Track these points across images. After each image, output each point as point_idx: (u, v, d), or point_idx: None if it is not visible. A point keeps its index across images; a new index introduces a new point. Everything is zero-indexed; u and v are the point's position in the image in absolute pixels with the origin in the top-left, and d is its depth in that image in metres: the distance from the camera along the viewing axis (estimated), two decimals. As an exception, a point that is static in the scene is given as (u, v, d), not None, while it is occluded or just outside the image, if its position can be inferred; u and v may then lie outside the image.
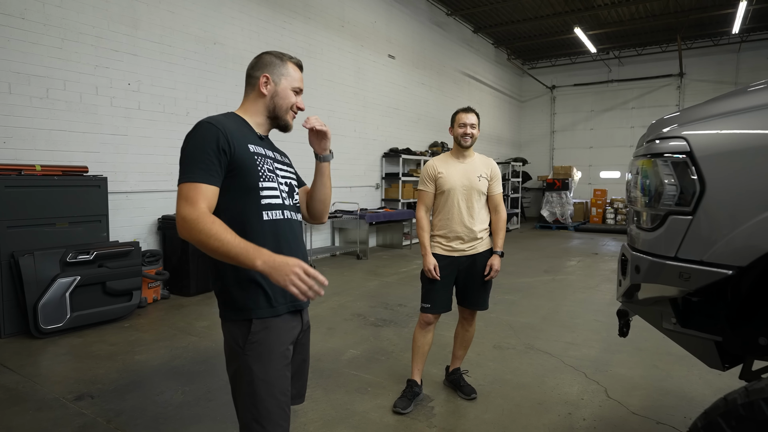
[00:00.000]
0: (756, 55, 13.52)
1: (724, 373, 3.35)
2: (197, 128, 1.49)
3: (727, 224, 1.30)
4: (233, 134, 1.50)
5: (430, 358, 3.64)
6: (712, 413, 1.26)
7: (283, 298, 1.54)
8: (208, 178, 1.42)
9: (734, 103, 1.40)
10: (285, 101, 1.64)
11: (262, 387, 1.47)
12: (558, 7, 11.50)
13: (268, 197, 1.55)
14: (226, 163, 1.47)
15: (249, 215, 1.51)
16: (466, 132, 2.85)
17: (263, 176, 1.54)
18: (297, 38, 7.58)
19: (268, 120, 1.66)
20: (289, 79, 1.64)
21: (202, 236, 1.32)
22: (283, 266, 1.29)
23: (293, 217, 1.64)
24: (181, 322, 4.52)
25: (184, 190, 1.41)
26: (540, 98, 17.21)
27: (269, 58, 1.65)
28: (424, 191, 2.92)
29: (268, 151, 1.63)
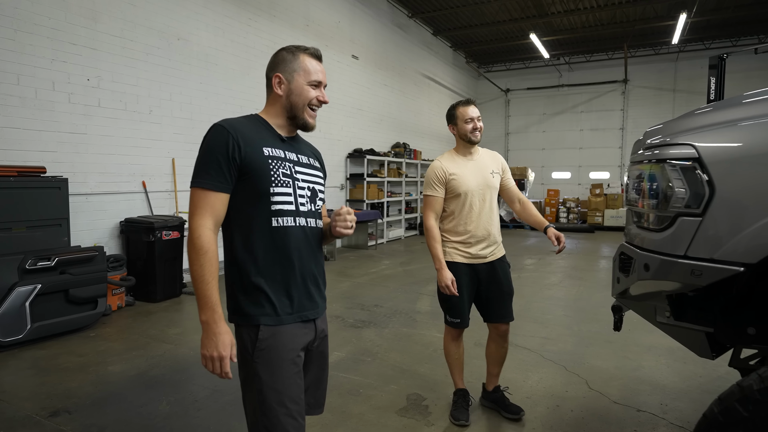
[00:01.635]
0: (692, 65, 14.54)
1: (688, 361, 3.61)
2: (209, 132, 1.47)
3: (737, 224, 1.41)
4: (247, 137, 1.46)
5: (415, 359, 3.69)
6: (728, 399, 1.37)
7: (290, 309, 1.51)
8: (216, 185, 1.42)
9: (736, 113, 1.52)
10: (300, 98, 1.55)
11: (272, 395, 1.44)
12: (514, 14, 11.89)
13: (280, 203, 1.49)
14: (237, 168, 1.44)
15: (258, 221, 1.47)
16: (476, 127, 2.62)
17: (276, 181, 1.48)
18: (262, 36, 7.44)
19: (288, 120, 1.59)
20: (303, 74, 1.55)
21: (193, 257, 1.39)
22: (212, 341, 1.36)
23: (310, 224, 1.57)
24: (152, 330, 4.33)
25: (194, 197, 1.43)
26: (495, 101, 17.72)
27: (281, 55, 1.58)
28: (434, 196, 2.64)
29: (291, 154, 1.57)
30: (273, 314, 1.47)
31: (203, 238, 1.39)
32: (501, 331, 2.72)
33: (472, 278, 2.64)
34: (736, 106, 1.56)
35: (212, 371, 1.38)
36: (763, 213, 1.36)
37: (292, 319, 1.51)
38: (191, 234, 1.40)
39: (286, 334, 1.49)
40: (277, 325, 1.48)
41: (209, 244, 1.40)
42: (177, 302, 5.31)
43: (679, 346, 3.87)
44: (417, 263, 7.93)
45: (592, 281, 6.63)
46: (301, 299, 1.54)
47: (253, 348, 1.45)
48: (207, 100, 6.50)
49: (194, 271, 1.38)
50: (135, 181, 5.60)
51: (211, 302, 1.37)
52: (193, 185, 1.43)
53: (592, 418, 2.75)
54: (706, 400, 2.98)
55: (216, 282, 1.40)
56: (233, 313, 1.51)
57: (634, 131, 15.46)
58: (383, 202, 10.44)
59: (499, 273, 2.66)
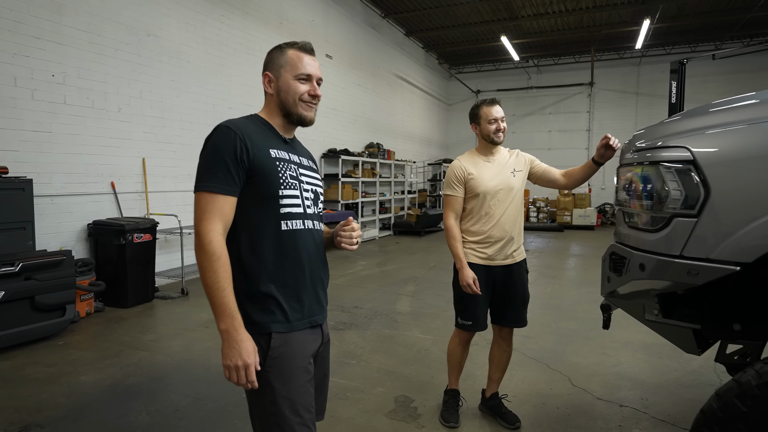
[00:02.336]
0: (653, 69, 15.10)
1: (663, 357, 3.72)
2: (214, 133, 1.41)
3: (732, 225, 1.45)
4: (253, 139, 1.42)
5: (399, 360, 3.67)
6: (726, 395, 1.41)
7: (300, 314, 1.47)
8: (225, 188, 1.37)
9: (729, 117, 1.57)
10: (289, 95, 1.50)
11: (286, 404, 1.40)
12: (486, 16, 12.06)
13: (289, 206, 1.46)
14: (245, 171, 1.39)
15: (266, 225, 1.43)
16: (499, 128, 2.55)
17: (284, 183, 1.45)
18: (235, 33, 7.28)
19: (284, 119, 1.54)
20: (290, 68, 1.49)
21: (205, 264, 1.32)
22: (234, 350, 1.31)
23: (316, 227, 1.56)
24: (125, 337, 4.17)
25: (201, 201, 1.36)
26: (466, 102, 17.90)
27: (271, 53, 1.54)
28: (453, 196, 2.60)
29: (294, 156, 1.54)
30: (284, 321, 1.43)
31: (215, 244, 1.33)
32: (504, 334, 2.70)
33: (488, 281, 2.58)
34: (729, 110, 1.61)
35: (237, 382, 1.33)
36: (757, 213, 1.40)
37: (302, 325, 1.47)
38: (201, 240, 1.33)
39: (298, 341, 1.45)
40: (288, 332, 1.43)
41: (222, 250, 1.34)
42: (149, 307, 5.12)
43: (654, 341, 4.01)
44: (393, 264, 7.93)
45: (565, 279, 6.79)
46: (311, 304, 1.51)
47: (265, 357, 1.39)
48: (179, 98, 6.31)
49: (208, 279, 1.31)
50: (103, 181, 5.38)
51: (230, 309, 1.32)
52: (199, 189, 1.37)
53: (578, 415, 2.81)
54: (683, 393, 3.09)
55: (231, 288, 1.34)
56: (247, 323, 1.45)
57: (600, 133, 15.92)
58: (358, 203, 10.40)
59: (516, 278, 2.60)
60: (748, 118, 1.50)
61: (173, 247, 6.22)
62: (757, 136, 1.45)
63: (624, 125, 15.68)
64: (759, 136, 1.44)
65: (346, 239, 1.57)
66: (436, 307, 5.20)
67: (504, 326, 2.68)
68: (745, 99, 1.62)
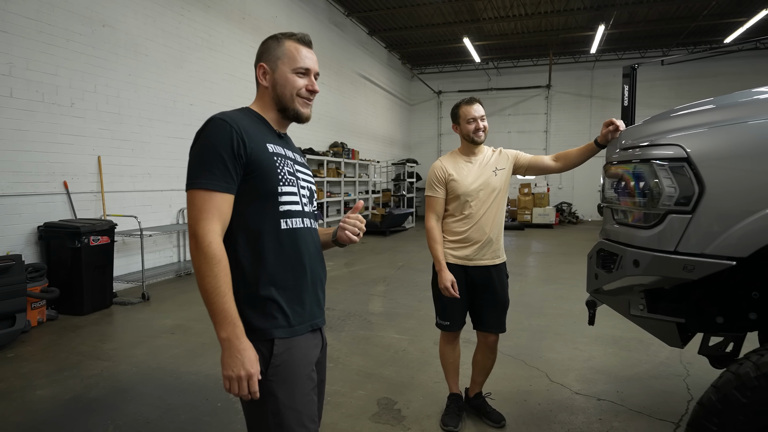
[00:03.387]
0: (606, 73, 15.74)
1: (632, 350, 3.84)
2: (208, 126, 1.31)
3: (726, 221, 1.49)
4: (250, 133, 1.34)
5: (378, 362, 3.62)
6: (724, 387, 1.44)
7: (302, 317, 1.39)
8: (223, 185, 1.27)
9: (720, 115, 1.61)
10: (287, 88, 1.42)
11: (291, 415, 1.32)
12: (449, 17, 12.19)
13: (288, 203, 1.38)
14: (242, 167, 1.31)
15: (265, 224, 1.35)
16: (479, 127, 2.51)
17: (283, 180, 1.37)
18: (196, 27, 7.01)
19: (278, 114, 1.46)
20: (287, 60, 1.42)
21: (204, 268, 1.23)
22: (236, 360, 1.22)
23: (313, 225, 1.49)
24: (83, 346, 3.91)
25: (197, 199, 1.26)
26: (428, 102, 18.09)
27: (266, 43, 1.45)
28: (434, 197, 2.56)
29: (288, 152, 1.46)
30: (286, 325, 1.35)
31: (214, 246, 1.24)
32: (489, 342, 2.63)
33: (466, 282, 2.57)
34: (720, 109, 1.65)
35: (238, 393, 1.24)
36: (751, 209, 1.44)
37: (304, 329, 1.40)
38: (200, 242, 1.23)
39: (300, 346, 1.37)
40: (291, 337, 1.35)
41: (222, 252, 1.25)
42: (107, 314, 4.84)
43: (622, 335, 4.13)
44: (361, 264, 7.86)
45: (531, 277, 6.93)
46: (312, 306, 1.44)
47: (267, 365, 1.31)
48: (136, 93, 5.99)
49: (208, 284, 1.22)
50: (55, 181, 5.03)
51: (231, 316, 1.23)
52: (193, 187, 1.27)
53: (560, 410, 2.84)
54: (655, 385, 3.19)
55: (232, 293, 1.25)
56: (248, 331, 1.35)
57: (557, 134, 16.46)
58: (323, 203, 10.26)
59: (495, 281, 2.56)
60: (739, 116, 1.55)
61: (132, 249, 5.91)
62: (750, 134, 1.49)
63: (579, 127, 16.28)
64: (752, 134, 1.48)
65: (350, 228, 1.50)
66: (409, 306, 5.18)
67: (484, 331, 2.63)
68: (732, 99, 1.67)
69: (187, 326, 4.43)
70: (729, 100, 1.67)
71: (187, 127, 6.84)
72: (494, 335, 2.64)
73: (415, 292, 5.81)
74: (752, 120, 1.50)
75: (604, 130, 2.22)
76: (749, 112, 1.54)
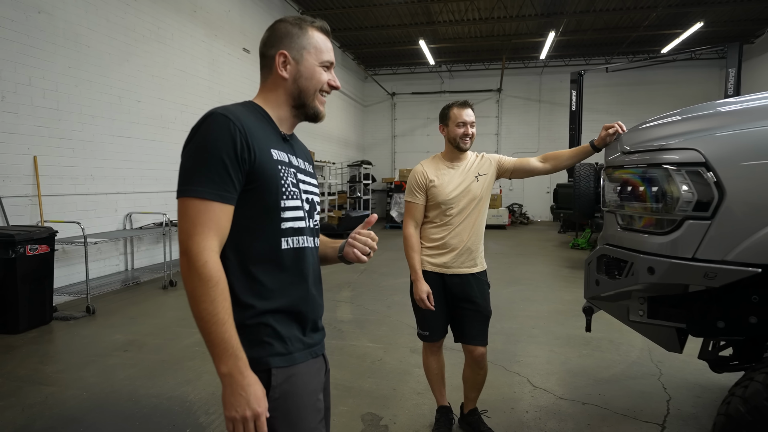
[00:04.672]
0: (553, 79, 16.32)
1: (604, 350, 3.89)
2: (206, 121, 1.11)
3: (749, 227, 1.46)
4: (254, 135, 1.15)
5: (355, 374, 3.46)
6: (754, 398, 1.40)
7: (302, 344, 1.22)
8: (222, 195, 1.09)
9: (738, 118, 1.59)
10: (312, 82, 1.26)
11: None
12: (405, 19, 12.17)
13: (291, 220, 1.21)
14: (244, 174, 1.12)
15: (263, 242, 1.17)
16: (467, 132, 2.40)
17: (287, 193, 1.19)
18: (144, 18, 6.54)
19: (293, 110, 1.29)
20: (315, 52, 1.26)
21: (200, 292, 1.04)
22: (240, 398, 1.05)
23: (316, 244, 1.33)
24: (21, 370, 3.48)
25: (191, 210, 1.07)
26: (382, 104, 18.04)
27: (284, 27, 1.26)
28: (414, 203, 2.45)
29: (293, 158, 1.29)
30: (285, 353, 1.17)
31: (210, 265, 1.05)
32: (476, 356, 2.47)
33: (444, 291, 2.46)
34: (739, 112, 1.63)
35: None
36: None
37: (306, 356, 1.22)
38: (193, 261, 1.04)
39: (302, 374, 1.20)
40: (291, 365, 1.17)
41: (220, 273, 1.07)
42: (47, 331, 4.37)
43: (593, 336, 4.19)
44: (323, 269, 7.61)
45: (494, 278, 6.91)
46: (312, 332, 1.28)
47: (266, 398, 1.12)
48: (77, 87, 5.48)
49: (204, 311, 1.04)
50: (-17, 183, 4.50)
51: (232, 347, 1.05)
52: (186, 194, 1.08)
53: (548, 417, 2.80)
54: (633, 385, 3.23)
55: (233, 320, 1.07)
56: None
57: (508, 137, 16.89)
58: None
59: (475, 290, 2.46)
60: (760, 118, 1.52)
61: (74, 258, 5.40)
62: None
63: (528, 130, 16.80)
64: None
65: (360, 246, 1.35)
66: (378, 313, 5.04)
67: (467, 344, 2.48)
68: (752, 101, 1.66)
69: (142, 342, 4.07)
70: (751, 103, 1.66)
71: (134, 125, 6.37)
72: (480, 348, 2.48)
73: (383, 297, 5.68)
74: (774, 124, 1.48)
75: (603, 134, 2.18)
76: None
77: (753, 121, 1.54)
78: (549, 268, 7.77)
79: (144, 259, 6.66)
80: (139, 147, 6.48)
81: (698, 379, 3.31)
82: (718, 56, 14.49)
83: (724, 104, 1.78)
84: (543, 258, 8.76)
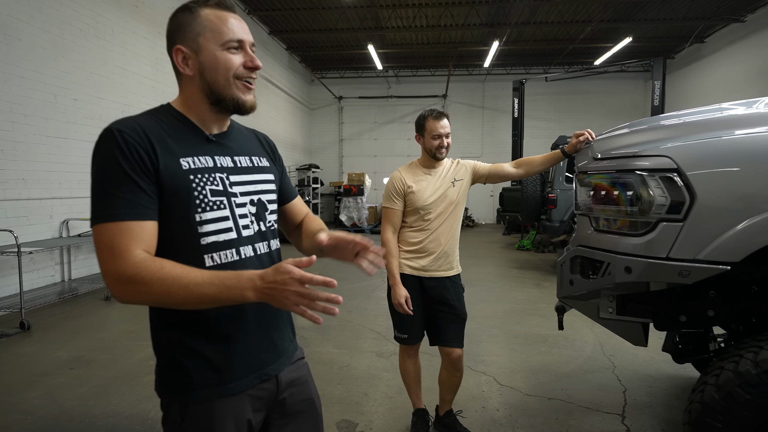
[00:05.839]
0: (495, 87, 16.95)
1: (561, 347, 4.07)
2: (102, 141, 1.02)
3: (718, 228, 1.59)
4: (158, 144, 1.05)
5: (323, 381, 3.41)
6: (726, 385, 1.52)
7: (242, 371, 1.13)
8: (136, 212, 1.00)
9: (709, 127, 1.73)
10: (219, 72, 1.09)
11: None
12: (354, 24, 12.19)
13: (213, 233, 1.09)
14: (154, 184, 1.03)
15: (186, 262, 1.02)
16: (443, 144, 2.46)
17: (203, 204, 1.08)
18: (81, 12, 6.12)
19: (212, 107, 1.14)
20: (212, 35, 1.09)
21: (156, 289, 0.95)
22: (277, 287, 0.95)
23: (263, 250, 1.18)
24: (-50, 394, 3.13)
25: (104, 236, 0.98)
26: (329, 107, 17.94)
27: (175, 19, 1.12)
28: (392, 209, 2.48)
29: (222, 159, 1.15)
30: (207, 386, 1.09)
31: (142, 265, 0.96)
32: (453, 358, 2.51)
33: (422, 294, 2.49)
34: (706, 121, 1.77)
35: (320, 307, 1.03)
36: (744, 215, 1.55)
37: (240, 387, 1.12)
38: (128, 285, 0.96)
39: (227, 406, 1.11)
40: (212, 400, 1.09)
41: (152, 261, 0.97)
42: (-24, 350, 3.96)
43: (549, 333, 4.38)
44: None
45: (448, 280, 7.12)
46: (258, 353, 1.17)
47: (183, 416, 1.09)
48: (7, 83, 5.04)
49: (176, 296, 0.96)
50: None
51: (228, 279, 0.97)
52: (99, 220, 0.99)
53: (519, 414, 2.89)
54: (592, 379, 3.41)
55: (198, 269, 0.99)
56: (158, 382, 1.13)
57: (453, 142, 16.42)
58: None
59: (451, 293, 2.50)
60: (729, 129, 1.67)
61: (4, 269, 4.95)
62: (740, 146, 1.61)
63: (472, 135, 17.32)
64: (739, 146, 1.60)
65: (372, 258, 1.20)
66: (339, 318, 4.99)
67: (444, 346, 2.52)
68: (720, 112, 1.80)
69: (89, 358, 3.79)
70: (718, 114, 1.81)
71: (70, 125, 5.94)
72: (458, 350, 2.53)
73: (348, 300, 5.62)
74: (738, 132, 1.62)
75: (574, 141, 2.29)
76: (736, 125, 1.67)
77: (716, 130, 1.68)
78: (499, 269, 8.04)
79: (82, 269, 6.21)
80: (77, 149, 6.04)
81: (647, 369, 3.55)
82: (644, 69, 15.62)
83: (687, 114, 1.93)
84: (492, 260, 9.05)
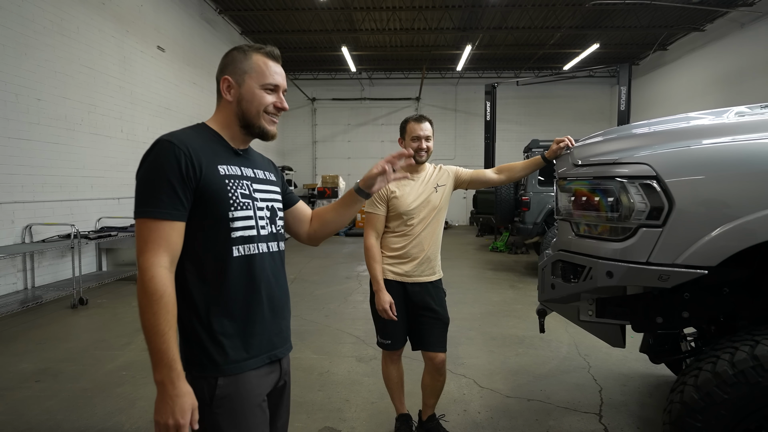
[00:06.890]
0: (467, 90, 17.19)
1: (537, 347, 4.15)
2: (154, 148, 1.25)
3: (696, 233, 1.64)
4: (199, 154, 1.28)
5: (304, 387, 3.37)
6: (705, 386, 1.58)
7: (255, 350, 1.33)
8: (171, 213, 1.22)
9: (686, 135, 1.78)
10: (253, 105, 1.37)
11: None
12: (328, 25, 12.15)
13: (242, 229, 1.33)
14: (192, 192, 1.26)
15: (215, 252, 1.29)
16: (421, 147, 2.46)
17: (235, 204, 1.32)
18: (44, 8, 5.89)
19: (241, 130, 1.40)
20: (256, 76, 1.37)
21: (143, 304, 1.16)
22: (167, 406, 1.14)
23: (274, 249, 1.43)
24: None
25: (143, 230, 1.21)
26: (302, 109, 17.82)
27: (231, 55, 1.40)
28: (375, 214, 2.47)
29: (247, 170, 1.41)
30: (235, 361, 1.29)
31: (157, 280, 1.16)
32: (437, 363, 2.50)
33: (405, 299, 2.49)
34: (684, 131, 1.83)
35: None
36: (718, 222, 1.61)
37: (258, 362, 1.34)
38: (142, 276, 1.17)
39: (250, 380, 1.31)
40: (239, 374, 1.29)
41: (165, 287, 1.17)
42: (-68, 364, 3.75)
43: (525, 335, 4.45)
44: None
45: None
46: (270, 337, 1.38)
47: (212, 397, 1.26)
48: (-36, 82, 4.81)
49: (146, 321, 1.14)
50: None
51: (168, 358, 1.14)
52: (139, 215, 1.21)
53: (500, 416, 2.92)
54: (568, 379, 3.48)
55: (174, 332, 1.17)
56: (187, 362, 1.27)
57: (427, 144, 17.38)
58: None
59: (434, 298, 2.50)
60: (706, 139, 1.73)
61: (-39, 278, 4.70)
62: (718, 154, 1.67)
63: (445, 138, 17.47)
64: (715, 155, 1.67)
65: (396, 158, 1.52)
66: (316, 323, 4.95)
67: (428, 351, 2.51)
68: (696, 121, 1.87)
69: (57, 370, 3.63)
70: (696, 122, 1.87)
71: (33, 126, 5.70)
72: (441, 355, 2.53)
73: (318, 306, 5.60)
74: (712, 141, 1.69)
75: (554, 147, 2.33)
76: (711, 134, 1.73)
77: (692, 139, 1.74)
78: (473, 270, 8.13)
79: (47, 275, 5.96)
80: (40, 151, 5.81)
81: (621, 368, 3.65)
82: (610, 75, 16.14)
83: (657, 123, 2.00)
84: (466, 261, 9.15)
